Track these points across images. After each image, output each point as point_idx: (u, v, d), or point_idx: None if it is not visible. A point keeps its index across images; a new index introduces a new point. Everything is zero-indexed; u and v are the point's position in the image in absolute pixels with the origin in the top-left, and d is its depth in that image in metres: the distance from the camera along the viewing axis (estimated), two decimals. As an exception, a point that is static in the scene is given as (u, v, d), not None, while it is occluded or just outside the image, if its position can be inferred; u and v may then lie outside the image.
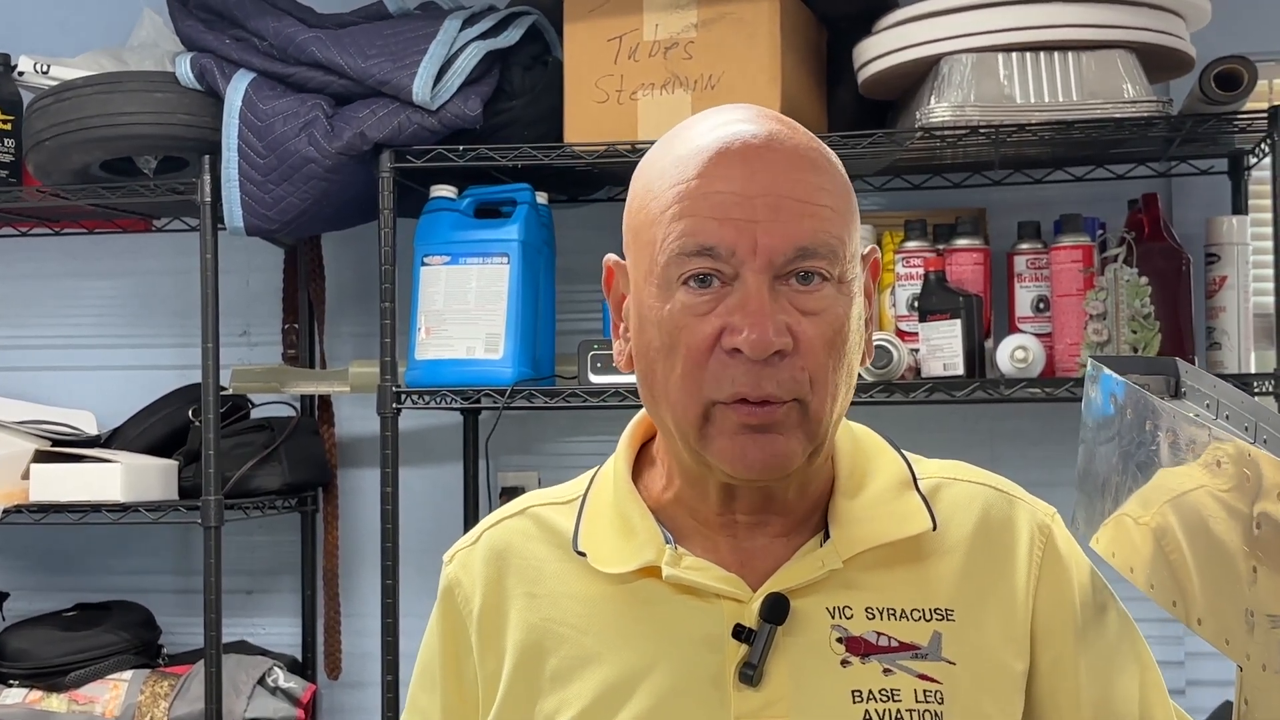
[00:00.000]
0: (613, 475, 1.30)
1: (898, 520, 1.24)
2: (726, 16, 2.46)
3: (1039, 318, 2.56)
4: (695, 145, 1.17)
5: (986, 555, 1.25)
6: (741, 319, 1.13)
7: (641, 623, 1.22)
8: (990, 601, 1.23)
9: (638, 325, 1.20)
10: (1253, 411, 1.19)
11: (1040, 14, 2.35)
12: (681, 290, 1.15)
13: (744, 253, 1.13)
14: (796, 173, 1.15)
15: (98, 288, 3.19)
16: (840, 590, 1.21)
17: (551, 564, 1.28)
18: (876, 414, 2.75)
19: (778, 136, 1.17)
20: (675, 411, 1.17)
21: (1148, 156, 2.70)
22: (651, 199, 1.18)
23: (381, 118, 2.53)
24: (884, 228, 2.69)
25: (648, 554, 1.22)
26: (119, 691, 2.75)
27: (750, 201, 1.13)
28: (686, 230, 1.14)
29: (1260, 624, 1.03)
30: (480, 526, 1.35)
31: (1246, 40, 2.55)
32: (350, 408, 3.07)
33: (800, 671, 1.18)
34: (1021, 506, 1.29)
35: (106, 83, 2.64)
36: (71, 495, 2.69)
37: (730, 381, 1.14)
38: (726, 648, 1.19)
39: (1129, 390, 1.21)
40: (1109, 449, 1.25)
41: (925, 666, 1.19)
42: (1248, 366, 2.54)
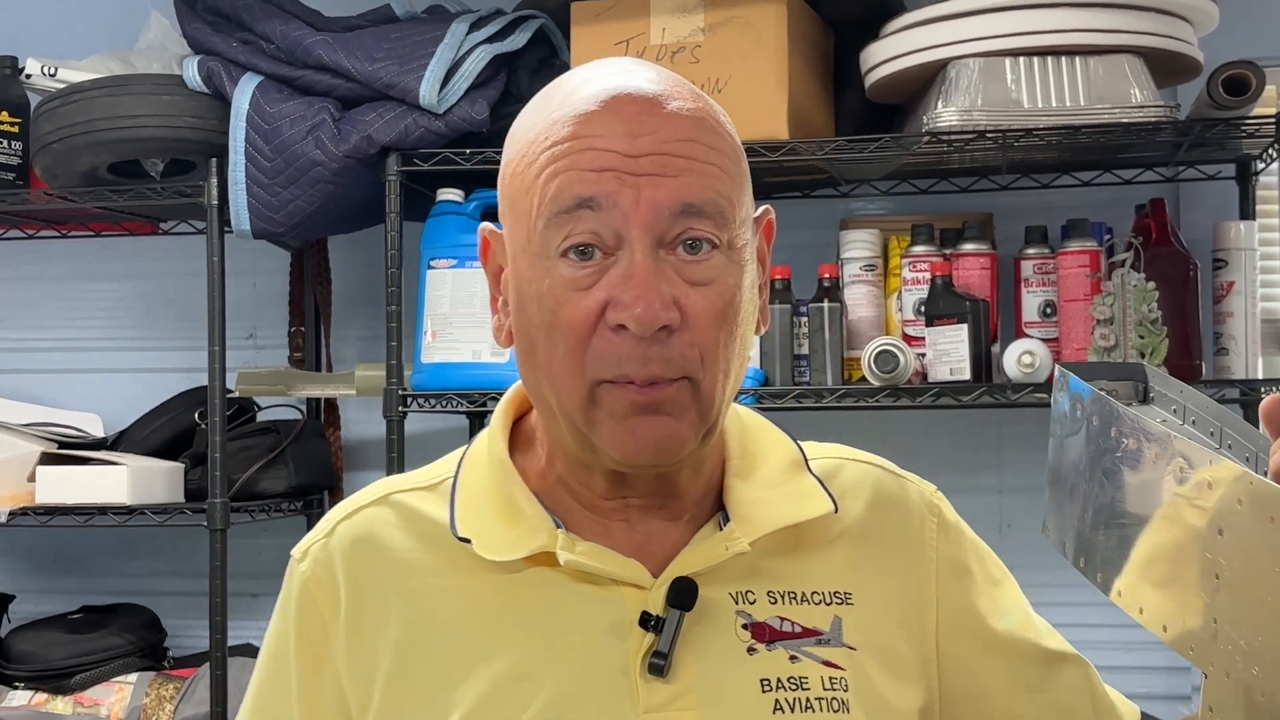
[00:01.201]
0: (487, 456, 1.21)
1: (797, 501, 1.19)
2: (733, 21, 2.46)
3: (1046, 323, 2.56)
4: (571, 103, 1.09)
5: (880, 536, 1.23)
6: (625, 292, 1.05)
7: (535, 613, 1.13)
8: (886, 583, 1.21)
9: (516, 300, 1.12)
10: (1218, 417, 1.19)
11: (1048, 19, 2.35)
12: (561, 263, 1.07)
13: (626, 205, 1.05)
14: (683, 130, 1.08)
15: (104, 290, 3.19)
16: (742, 575, 1.16)
17: (424, 554, 1.17)
18: (883, 418, 2.76)
19: (664, 94, 1.09)
20: (559, 393, 1.10)
21: (1155, 161, 2.70)
22: (527, 163, 1.10)
23: (388, 121, 2.53)
24: (890, 232, 2.69)
25: (538, 539, 1.13)
26: (124, 694, 2.75)
27: (633, 159, 1.06)
28: (562, 185, 1.06)
29: (1223, 631, 1.03)
30: (332, 518, 1.23)
31: (1254, 45, 2.55)
32: (356, 411, 3.07)
33: (708, 660, 1.12)
34: (910, 486, 1.28)
35: (113, 85, 2.64)
36: (77, 497, 2.69)
37: (615, 361, 1.06)
38: (631, 637, 1.12)
39: (1094, 396, 1.21)
40: (1076, 455, 1.25)
41: (829, 653, 1.16)
42: (1255, 372, 2.53)
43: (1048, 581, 1.67)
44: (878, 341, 2.47)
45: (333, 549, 1.20)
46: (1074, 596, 1.64)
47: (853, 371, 2.59)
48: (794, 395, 2.51)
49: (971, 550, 1.28)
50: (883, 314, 2.65)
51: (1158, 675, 2.64)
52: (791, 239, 2.84)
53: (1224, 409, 1.20)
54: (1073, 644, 1.33)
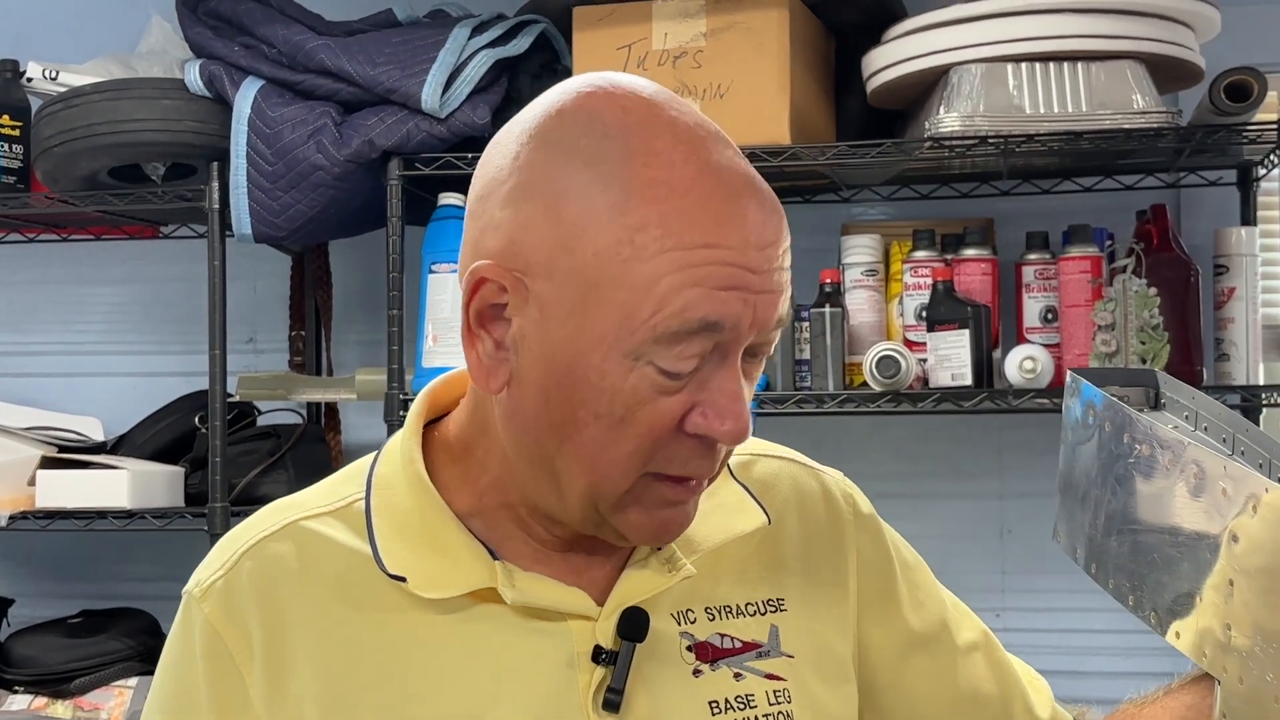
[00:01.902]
0: (402, 475, 1.11)
1: (730, 514, 1.15)
2: (735, 26, 2.46)
3: (1047, 328, 2.56)
4: (696, 190, 0.98)
5: (800, 533, 1.21)
6: (724, 405, 1.00)
7: (474, 652, 1.06)
8: (812, 582, 1.19)
9: (560, 379, 1.00)
10: (1230, 423, 1.19)
11: (1050, 24, 2.35)
12: (656, 370, 0.98)
13: (744, 326, 0.99)
14: (784, 235, 1.02)
15: (105, 294, 3.19)
16: (681, 595, 1.12)
17: (346, 590, 1.08)
18: (884, 423, 2.76)
19: (757, 179, 1.01)
20: (599, 480, 1.02)
21: (1157, 167, 2.70)
22: (630, 252, 0.97)
23: (390, 125, 2.53)
24: (892, 237, 2.69)
25: (477, 574, 1.06)
26: (124, 698, 2.75)
27: (756, 276, 0.98)
28: (691, 303, 0.97)
29: (1236, 637, 1.03)
30: (231, 551, 1.12)
31: (1256, 51, 2.55)
32: (357, 415, 3.07)
33: (657, 689, 1.08)
34: (824, 477, 1.26)
35: (115, 89, 2.64)
36: (77, 502, 2.69)
37: (683, 462, 1.02)
38: (579, 672, 1.06)
39: (1107, 402, 1.21)
40: (1088, 461, 1.25)
41: (770, 665, 1.13)
42: (1256, 378, 2.53)
43: (1048, 587, 1.68)
44: (879, 347, 2.47)
45: (238, 586, 1.09)
46: (1074, 602, 1.64)
47: (854, 377, 2.59)
48: (795, 400, 2.51)
49: (887, 538, 1.27)
50: (884, 319, 2.65)
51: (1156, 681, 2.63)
52: (792, 244, 2.85)
53: (1236, 415, 1.20)
54: (1073, 650, 1.34)
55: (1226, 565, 1.03)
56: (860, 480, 1.31)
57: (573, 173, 1.00)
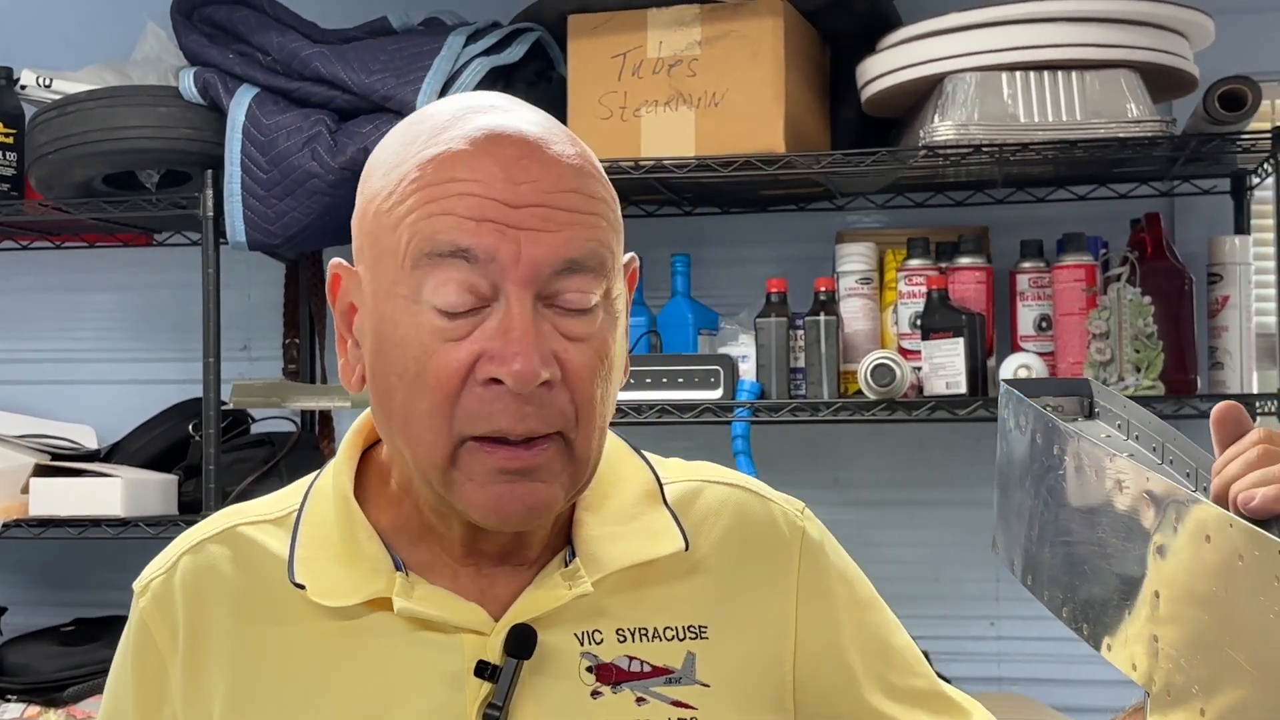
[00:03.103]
0: (332, 492, 1.15)
1: (647, 538, 1.14)
2: (730, 34, 2.47)
3: (1041, 336, 2.56)
4: (445, 138, 1.04)
5: (739, 563, 1.18)
6: (503, 345, 1.00)
7: (369, 662, 1.08)
8: (745, 613, 1.16)
9: (375, 344, 1.05)
10: (1160, 432, 1.19)
11: (1044, 33, 2.36)
12: (431, 311, 1.01)
13: (506, 260, 1.00)
14: (565, 179, 1.03)
15: (99, 301, 3.19)
16: (588, 614, 1.11)
17: (260, 597, 1.11)
18: (879, 432, 2.76)
19: (544, 140, 1.04)
20: (418, 448, 1.04)
21: (1151, 176, 2.70)
22: (395, 200, 1.03)
23: (385, 133, 2.52)
24: (886, 245, 2.69)
25: (376, 584, 1.08)
26: (117, 707, 2.74)
27: (514, 211, 1.01)
28: (438, 229, 1.00)
29: (1164, 650, 1.03)
30: (175, 550, 1.17)
31: (1250, 61, 2.56)
32: (350, 423, 3.05)
33: (547, 708, 1.07)
34: (774, 507, 1.22)
35: (109, 96, 2.64)
36: (71, 510, 2.68)
37: (487, 416, 1.01)
38: (468, 687, 1.06)
39: (1037, 415, 1.21)
40: (1021, 473, 1.25)
41: (679, 692, 1.11)
42: (1250, 387, 2.54)
43: (1044, 596, 1.67)
44: (874, 355, 2.47)
45: (174, 585, 1.14)
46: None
47: (849, 385, 2.59)
48: (790, 409, 2.51)
49: (837, 574, 1.22)
50: (879, 327, 2.65)
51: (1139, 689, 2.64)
52: (787, 252, 2.86)
53: (1167, 425, 1.20)
54: (1067, 658, 1.33)
55: (1153, 577, 1.03)
56: (855, 488, 1.31)
57: (375, 156, 1.09)
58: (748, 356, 2.59)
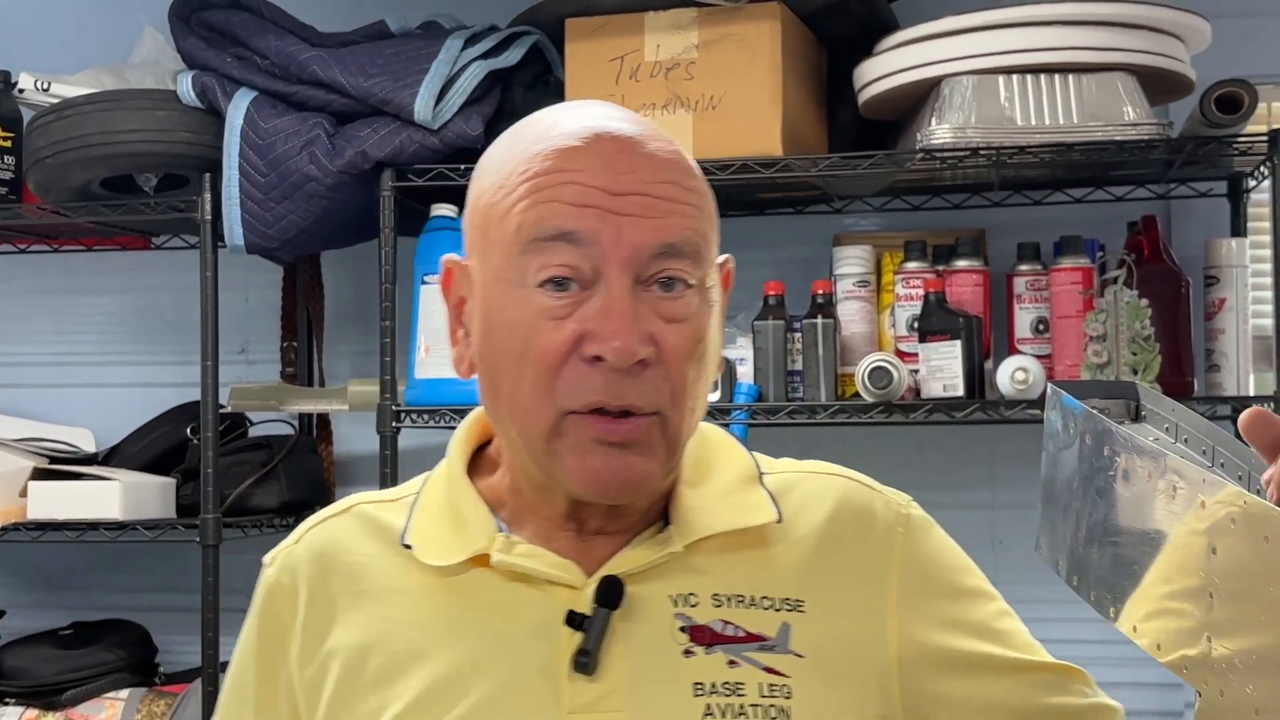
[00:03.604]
0: (446, 473, 1.24)
1: (741, 511, 1.19)
2: (728, 38, 2.47)
3: (1039, 339, 2.57)
4: (553, 137, 1.12)
5: (840, 545, 1.22)
6: (603, 324, 1.07)
7: (470, 614, 1.16)
8: (844, 592, 1.20)
9: (484, 330, 1.14)
10: (1209, 435, 1.19)
11: (1041, 36, 2.36)
12: (537, 292, 1.09)
13: (608, 243, 1.08)
14: (664, 172, 1.11)
15: (97, 305, 3.19)
16: (685, 576, 1.16)
17: (378, 560, 1.21)
18: (876, 434, 2.76)
19: (644, 136, 1.13)
20: (522, 422, 1.12)
21: (1147, 178, 2.71)
22: (504, 193, 1.12)
23: (383, 137, 2.53)
24: (884, 248, 2.69)
25: (478, 542, 1.16)
26: (115, 710, 2.74)
27: (616, 198, 1.09)
28: (543, 216, 1.09)
29: (1217, 650, 1.03)
30: (302, 527, 1.28)
31: (1247, 63, 2.56)
32: (349, 426, 3.06)
33: (639, 661, 1.12)
34: (878, 496, 1.27)
35: (107, 100, 2.64)
36: (69, 513, 2.68)
37: (587, 390, 1.08)
38: (560, 636, 1.12)
39: (1086, 416, 1.21)
40: (1069, 473, 1.25)
41: (772, 659, 1.14)
42: (1247, 389, 2.54)
43: (1040, 598, 1.67)
44: (871, 358, 2.47)
45: (298, 556, 1.24)
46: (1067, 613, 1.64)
47: (846, 388, 2.59)
48: (787, 411, 2.51)
49: (940, 562, 1.26)
50: (876, 330, 2.65)
51: (1150, 691, 2.64)
52: (784, 255, 2.86)
53: (1216, 427, 1.20)
54: (1066, 659, 1.33)
55: (1206, 577, 1.03)
56: (852, 490, 1.31)
57: (485, 157, 1.18)
58: (745, 359, 2.59)
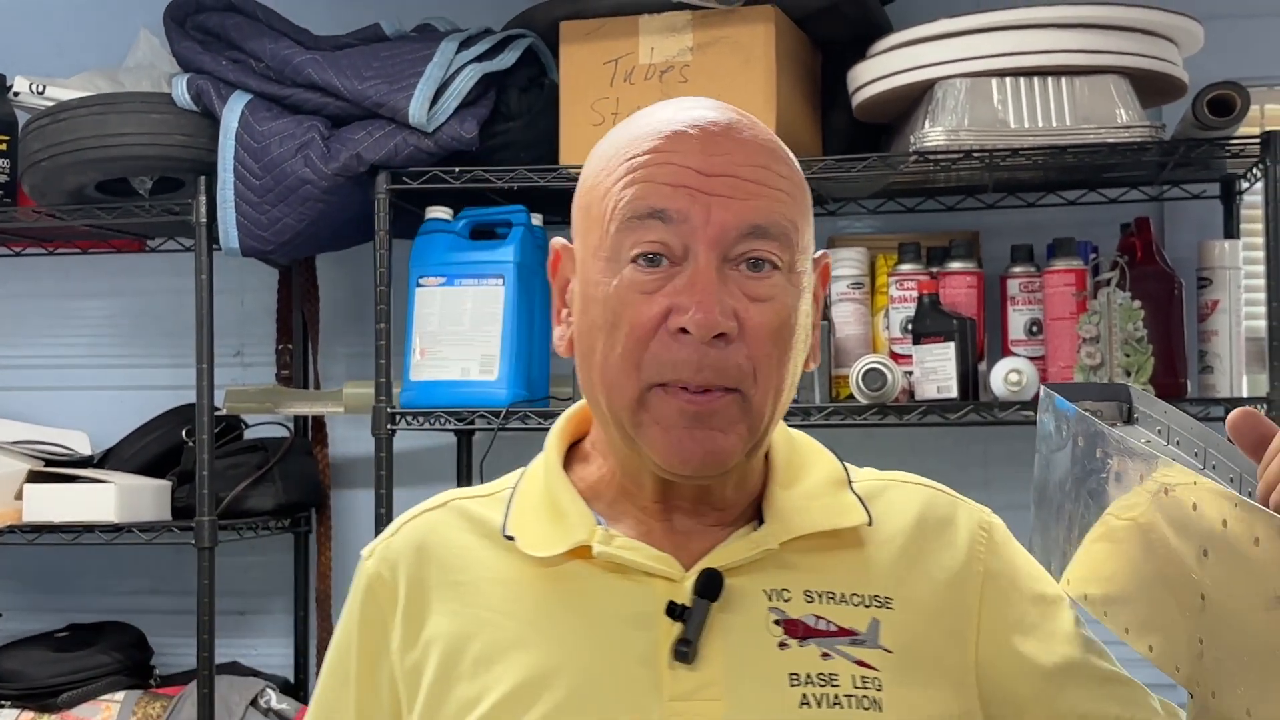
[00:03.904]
0: (544, 467, 1.28)
1: (833, 512, 1.23)
2: (722, 40, 2.47)
3: (1032, 341, 2.57)
4: (653, 124, 1.18)
5: (927, 548, 1.25)
6: (688, 298, 1.12)
7: (569, 604, 1.19)
8: (930, 592, 1.23)
9: (581, 305, 1.19)
10: (1202, 437, 1.19)
11: (1034, 39, 2.37)
12: (630, 267, 1.14)
13: (697, 221, 1.13)
14: (755, 157, 1.16)
15: (92, 307, 3.19)
16: (778, 572, 1.19)
17: (475, 551, 1.25)
18: (870, 436, 2.76)
19: (738, 124, 1.18)
20: (611, 393, 1.16)
21: (1140, 180, 2.71)
22: (605, 174, 1.17)
23: (378, 139, 2.53)
24: (878, 250, 2.70)
25: (578, 534, 1.20)
26: (111, 713, 2.74)
27: (707, 178, 1.14)
28: (638, 195, 1.14)
29: (1208, 652, 1.03)
30: (399, 520, 1.32)
31: (1239, 66, 2.57)
32: (344, 428, 3.07)
33: (736, 652, 1.16)
34: (961, 505, 1.30)
35: (102, 103, 2.64)
36: (65, 515, 2.68)
37: (671, 364, 1.13)
38: (659, 626, 1.16)
39: (1079, 418, 1.22)
40: (1061, 475, 1.26)
41: (863, 653, 1.17)
42: (1240, 390, 2.55)
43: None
44: (865, 359, 2.48)
45: (396, 548, 1.28)
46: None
47: (840, 389, 2.59)
48: (782, 413, 2.51)
49: (1021, 568, 1.29)
50: (870, 332, 2.66)
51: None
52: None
53: (1208, 430, 1.20)
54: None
55: (1198, 580, 1.04)
56: (845, 493, 1.32)
57: (596, 147, 1.23)
58: (740, 361, 2.59)
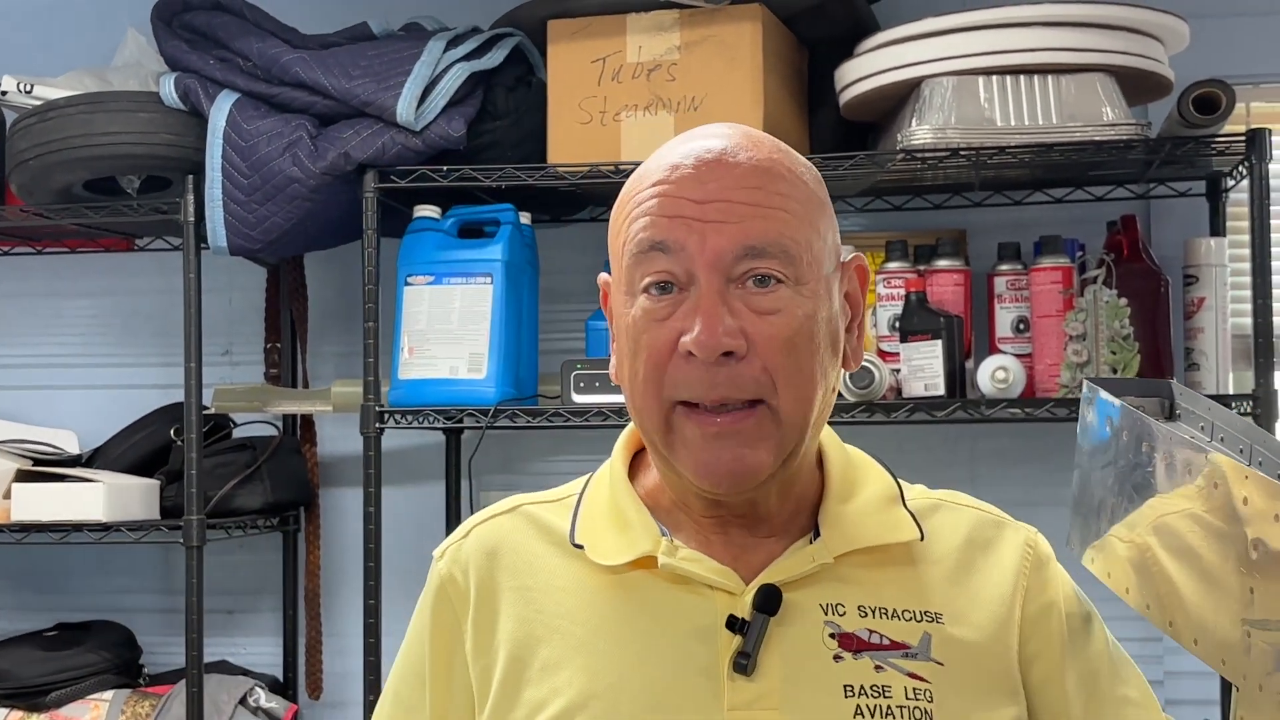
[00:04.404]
0: (609, 475, 1.33)
1: (887, 528, 1.27)
2: (709, 39, 2.48)
3: (1019, 338, 2.58)
4: (661, 160, 1.22)
5: (972, 568, 1.29)
6: (693, 320, 1.17)
7: (635, 614, 1.24)
8: (978, 609, 1.26)
9: (616, 334, 1.26)
10: (1247, 433, 1.19)
11: (1020, 38, 2.37)
12: (643, 297, 1.20)
13: (694, 249, 1.17)
14: (748, 179, 1.19)
15: (80, 307, 3.19)
16: (833, 586, 1.24)
17: (544, 558, 1.30)
18: (858, 433, 2.75)
19: (736, 148, 1.21)
20: (642, 415, 1.22)
21: (1126, 178, 2.72)
22: (623, 215, 1.23)
23: (365, 138, 2.53)
24: (865, 248, 2.70)
25: (644, 545, 1.25)
26: (100, 712, 2.74)
27: (701, 206, 1.18)
28: (642, 229, 1.19)
29: (1257, 645, 1.03)
30: (469, 523, 1.36)
31: (1224, 64, 2.57)
32: (332, 427, 3.07)
33: (793, 664, 1.20)
34: (1008, 526, 1.33)
35: (90, 102, 2.64)
36: (53, 515, 2.68)
37: (686, 384, 1.18)
38: (720, 639, 1.21)
39: (1125, 412, 1.22)
40: (1105, 472, 1.26)
41: (915, 666, 1.22)
42: (1226, 388, 2.55)
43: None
44: (853, 357, 2.48)
45: (467, 550, 1.32)
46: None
47: (828, 387, 2.60)
48: (769, 411, 2.51)
49: (1058, 586, 1.31)
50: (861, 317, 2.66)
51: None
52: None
53: (1252, 425, 1.20)
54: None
55: (1247, 573, 1.04)
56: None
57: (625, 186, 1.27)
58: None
